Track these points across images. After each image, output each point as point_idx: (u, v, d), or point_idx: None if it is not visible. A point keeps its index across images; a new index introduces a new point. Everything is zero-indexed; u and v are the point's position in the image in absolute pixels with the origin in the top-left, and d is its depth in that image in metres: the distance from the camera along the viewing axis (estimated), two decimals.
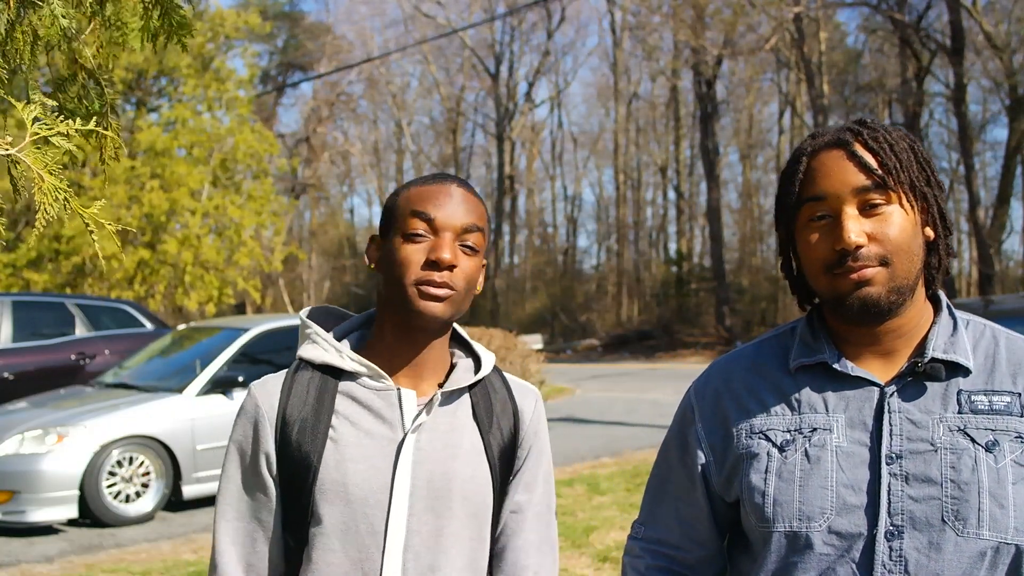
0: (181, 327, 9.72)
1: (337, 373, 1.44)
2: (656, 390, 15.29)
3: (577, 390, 16.15)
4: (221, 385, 7.24)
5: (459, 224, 1.40)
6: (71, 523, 6.63)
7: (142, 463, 6.82)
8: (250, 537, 1.42)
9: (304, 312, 1.53)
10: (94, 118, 1.82)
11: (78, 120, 1.62)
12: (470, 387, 1.49)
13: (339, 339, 1.49)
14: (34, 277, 17.42)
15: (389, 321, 1.45)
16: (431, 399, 1.43)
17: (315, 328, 1.48)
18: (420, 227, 1.39)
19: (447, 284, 1.38)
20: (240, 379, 7.22)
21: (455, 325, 1.53)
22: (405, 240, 1.40)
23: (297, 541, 1.41)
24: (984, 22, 21.08)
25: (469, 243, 1.41)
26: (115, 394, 7.38)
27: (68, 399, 7.43)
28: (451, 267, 1.38)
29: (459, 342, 1.55)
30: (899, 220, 1.28)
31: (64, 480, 6.42)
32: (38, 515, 6.34)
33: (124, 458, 6.73)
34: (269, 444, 1.41)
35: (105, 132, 1.88)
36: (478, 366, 1.50)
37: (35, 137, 1.54)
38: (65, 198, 1.56)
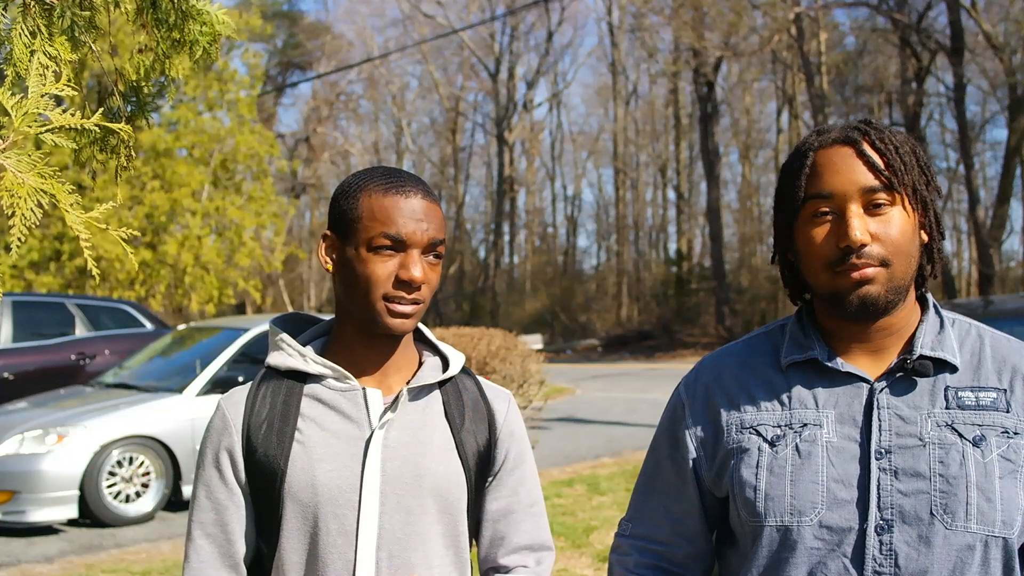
0: (181, 327, 9.72)
1: (303, 377, 1.44)
2: (656, 390, 15.28)
3: (577, 390, 16.15)
4: (221, 385, 7.23)
5: (427, 240, 1.38)
6: (71, 523, 6.63)
7: (142, 463, 6.83)
8: (220, 551, 1.41)
9: (272, 320, 1.53)
10: (100, 110, 1.77)
11: (79, 114, 1.56)
12: (441, 386, 1.49)
13: (304, 344, 1.50)
14: (37, 279, 17.35)
15: (352, 327, 1.45)
16: (397, 396, 1.43)
17: (281, 335, 1.48)
18: (386, 242, 1.37)
19: (416, 300, 1.39)
20: (240, 379, 7.20)
21: (421, 327, 1.53)
22: (371, 253, 1.37)
23: (270, 546, 1.40)
24: (983, 22, 21.08)
25: (435, 254, 1.40)
26: (115, 394, 7.39)
27: (68, 399, 7.43)
28: (421, 285, 1.38)
29: (427, 343, 1.55)
30: (901, 222, 1.29)
31: (64, 480, 6.43)
32: (38, 515, 6.35)
33: (124, 458, 6.74)
34: (237, 454, 1.41)
35: (115, 127, 1.81)
36: (446, 366, 1.50)
37: (19, 136, 1.45)
38: (50, 201, 1.46)
